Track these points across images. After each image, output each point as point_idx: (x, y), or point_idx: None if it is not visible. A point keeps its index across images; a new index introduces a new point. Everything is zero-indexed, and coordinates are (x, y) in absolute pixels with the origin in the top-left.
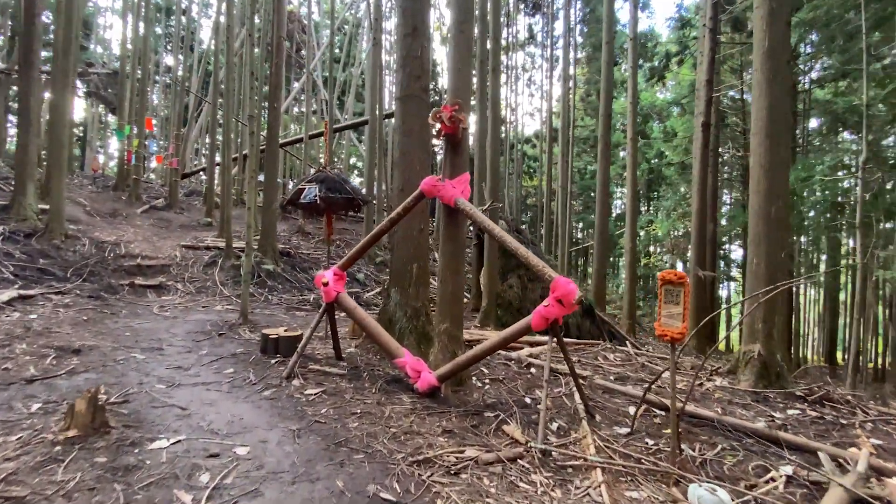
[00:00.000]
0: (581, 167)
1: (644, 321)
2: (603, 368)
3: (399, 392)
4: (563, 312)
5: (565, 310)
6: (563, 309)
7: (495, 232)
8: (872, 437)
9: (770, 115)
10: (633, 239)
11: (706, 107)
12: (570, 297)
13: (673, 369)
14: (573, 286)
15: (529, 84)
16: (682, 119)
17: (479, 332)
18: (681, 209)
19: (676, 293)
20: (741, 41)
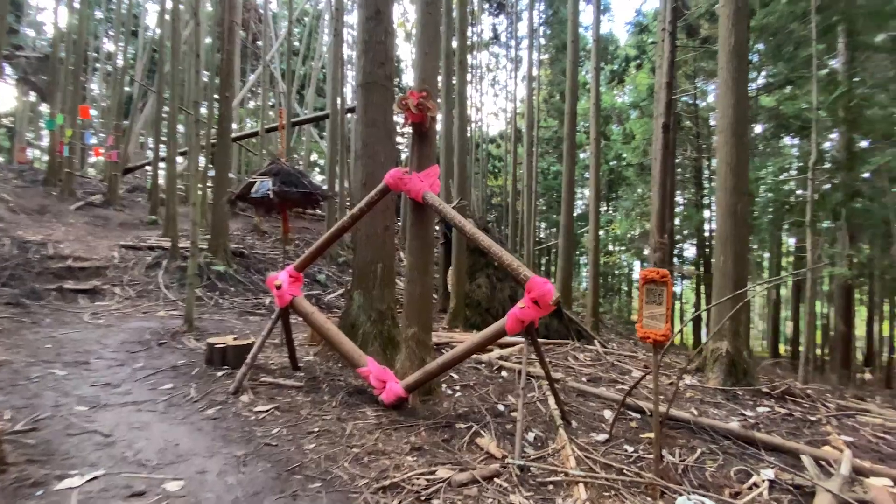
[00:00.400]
0: (545, 167)
1: (605, 318)
2: (574, 369)
3: (362, 405)
4: (540, 314)
5: (541, 311)
6: (540, 311)
7: (467, 229)
8: (842, 434)
9: (735, 112)
10: (597, 237)
11: (666, 109)
12: (546, 298)
13: (656, 373)
14: (550, 286)
15: (494, 84)
16: (640, 121)
17: (447, 335)
18: (639, 209)
19: (659, 293)
20: (695, 46)
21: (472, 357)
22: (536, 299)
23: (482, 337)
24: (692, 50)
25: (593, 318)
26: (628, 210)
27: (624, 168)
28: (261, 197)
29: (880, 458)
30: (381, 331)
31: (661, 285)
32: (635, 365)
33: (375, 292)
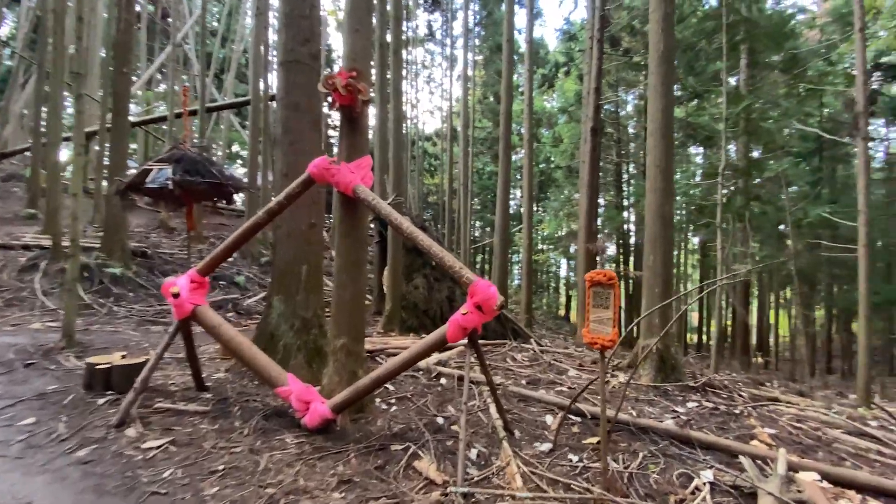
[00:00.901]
0: (479, 167)
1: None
2: (513, 371)
3: (282, 430)
4: (483, 320)
5: (485, 317)
6: (483, 316)
7: (404, 227)
8: (765, 426)
9: (664, 116)
10: (530, 236)
11: (594, 113)
12: (490, 304)
13: (602, 381)
14: (494, 290)
15: (429, 81)
16: (568, 126)
17: (381, 340)
18: (566, 210)
19: (605, 296)
20: (618, 56)
21: None
22: (480, 304)
23: (420, 347)
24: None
25: (527, 314)
26: (556, 210)
27: (553, 170)
28: (158, 187)
29: (802, 449)
30: (305, 341)
31: (607, 288)
32: (571, 364)
33: (299, 297)
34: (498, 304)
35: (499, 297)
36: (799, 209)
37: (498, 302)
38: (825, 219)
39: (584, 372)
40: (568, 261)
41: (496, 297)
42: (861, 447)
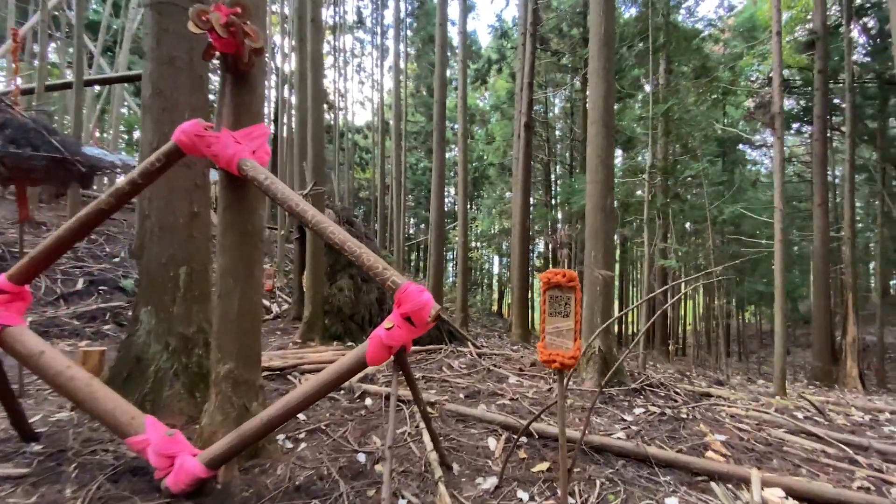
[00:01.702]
0: (413, 162)
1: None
2: (450, 383)
3: (134, 497)
4: (414, 335)
5: (416, 331)
6: (414, 330)
7: (308, 216)
8: (714, 432)
9: (605, 104)
10: (465, 233)
11: (528, 108)
12: (423, 314)
13: (562, 406)
14: (427, 297)
15: (359, 70)
16: (501, 123)
17: (297, 353)
18: (499, 207)
19: (565, 301)
20: (548, 58)
21: None
22: (410, 315)
23: (329, 377)
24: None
25: (463, 313)
26: (490, 208)
27: (486, 168)
28: None
29: (756, 457)
30: (186, 365)
31: (567, 291)
32: (511, 369)
33: (177, 309)
34: (432, 314)
35: (433, 305)
36: (715, 207)
37: (432, 312)
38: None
39: (525, 378)
40: (500, 258)
41: (430, 305)
42: (807, 448)
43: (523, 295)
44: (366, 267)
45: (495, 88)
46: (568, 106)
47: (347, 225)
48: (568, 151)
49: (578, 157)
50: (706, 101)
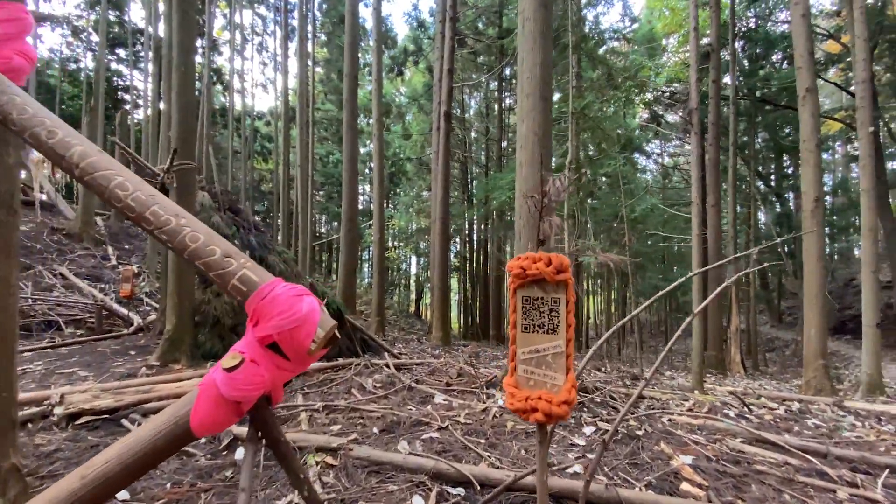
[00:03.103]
0: (323, 154)
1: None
2: (361, 412)
3: None
4: (286, 375)
5: (291, 367)
6: (285, 367)
7: (72, 155)
8: (678, 453)
9: (543, 74)
10: (382, 229)
11: (447, 96)
12: (300, 338)
13: (543, 480)
14: (308, 306)
15: (261, 50)
16: (418, 118)
17: (145, 384)
18: (417, 205)
19: (550, 307)
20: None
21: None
22: (277, 339)
23: (121, 453)
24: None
25: (378, 317)
26: (407, 205)
27: (403, 162)
28: None
29: (734, 484)
30: None
31: (555, 290)
32: (437, 383)
33: None
34: (319, 336)
35: (321, 320)
36: (628, 206)
37: (319, 332)
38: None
39: (453, 396)
40: (419, 258)
41: (312, 320)
42: (774, 462)
43: (444, 295)
44: (188, 253)
45: (412, 84)
46: (484, 107)
47: (230, 213)
48: (484, 152)
49: (494, 157)
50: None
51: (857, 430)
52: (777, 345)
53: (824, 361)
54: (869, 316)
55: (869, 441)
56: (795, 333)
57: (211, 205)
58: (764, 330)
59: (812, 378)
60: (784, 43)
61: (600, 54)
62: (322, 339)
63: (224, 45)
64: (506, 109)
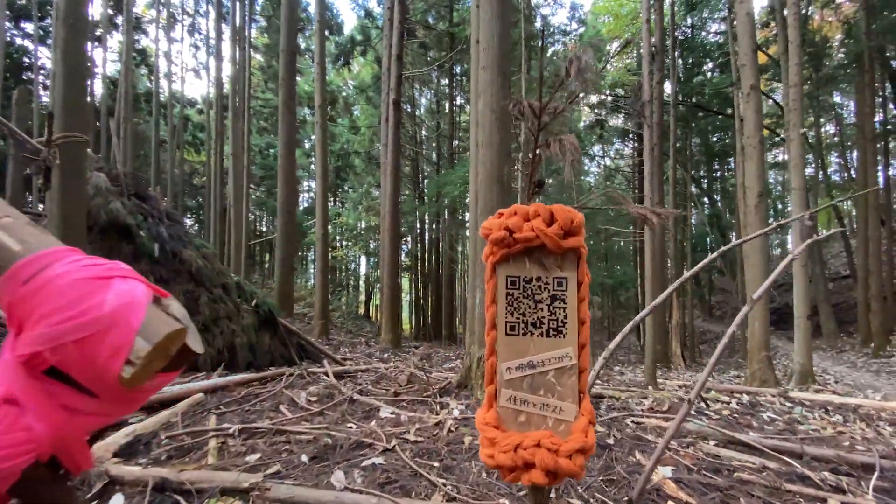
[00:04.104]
0: (263, 146)
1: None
2: (288, 435)
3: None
4: (92, 423)
5: (99, 411)
6: (88, 410)
7: None
8: (658, 466)
9: (501, 46)
10: (326, 224)
11: (397, 84)
12: (107, 360)
13: None
14: (123, 299)
15: (193, 32)
16: (367, 111)
17: None
18: (367, 202)
19: (550, 292)
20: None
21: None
22: (61, 360)
23: None
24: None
25: (322, 319)
26: (356, 202)
27: (351, 157)
28: None
29: (721, 499)
30: None
31: (559, 265)
32: (383, 392)
33: None
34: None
35: (151, 324)
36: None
37: (134, 350)
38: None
39: (402, 407)
40: (368, 257)
41: (127, 326)
42: (752, 467)
43: (394, 294)
44: None
45: (360, 77)
46: (434, 103)
47: (136, 199)
48: (435, 150)
49: (446, 154)
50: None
51: (811, 421)
52: (709, 337)
53: (767, 353)
54: (800, 308)
55: (831, 436)
56: (725, 326)
57: (109, 188)
58: (697, 324)
59: (757, 370)
60: (717, 52)
61: (548, 56)
62: (147, 356)
63: (150, 25)
64: (457, 107)
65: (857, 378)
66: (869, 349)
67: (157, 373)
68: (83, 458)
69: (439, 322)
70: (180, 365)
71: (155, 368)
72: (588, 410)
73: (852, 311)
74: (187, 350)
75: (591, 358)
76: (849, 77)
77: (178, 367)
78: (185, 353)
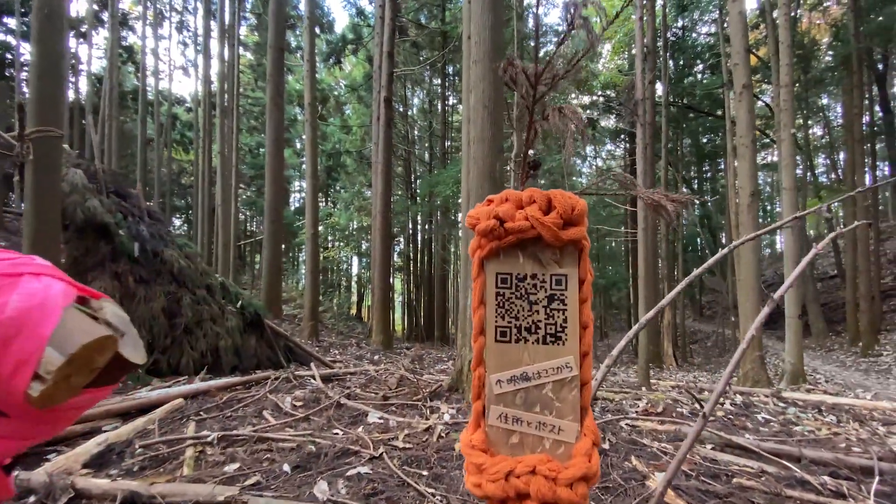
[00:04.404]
0: (253, 146)
1: (325, 317)
2: (270, 442)
3: None
4: (8, 448)
5: (13, 433)
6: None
7: None
8: (654, 470)
9: (493, 37)
10: (316, 223)
11: (388, 81)
12: (11, 376)
13: None
14: (31, 301)
15: (181, 29)
16: (358, 111)
17: None
18: (358, 202)
19: (550, 290)
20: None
21: None
22: None
23: None
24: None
25: (312, 321)
26: (348, 203)
27: (343, 157)
28: None
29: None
30: None
31: (557, 259)
32: (372, 396)
33: None
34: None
35: (65, 330)
36: None
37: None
38: None
39: (391, 412)
40: (360, 258)
41: (35, 334)
42: (751, 472)
43: (385, 294)
44: None
45: (352, 76)
46: (427, 103)
47: (116, 196)
48: (427, 151)
49: (438, 154)
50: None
51: (805, 422)
52: (699, 337)
53: (760, 353)
54: (792, 308)
55: (827, 437)
56: (716, 326)
57: (86, 185)
58: (687, 324)
59: (749, 370)
60: (708, 53)
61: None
62: (60, 371)
63: (137, 22)
64: (449, 107)
65: (847, 377)
66: (857, 348)
67: (82, 389)
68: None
69: (431, 323)
70: (115, 378)
71: (77, 384)
72: (591, 430)
73: (840, 310)
74: (123, 361)
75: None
76: (836, 79)
77: (112, 381)
78: (121, 365)
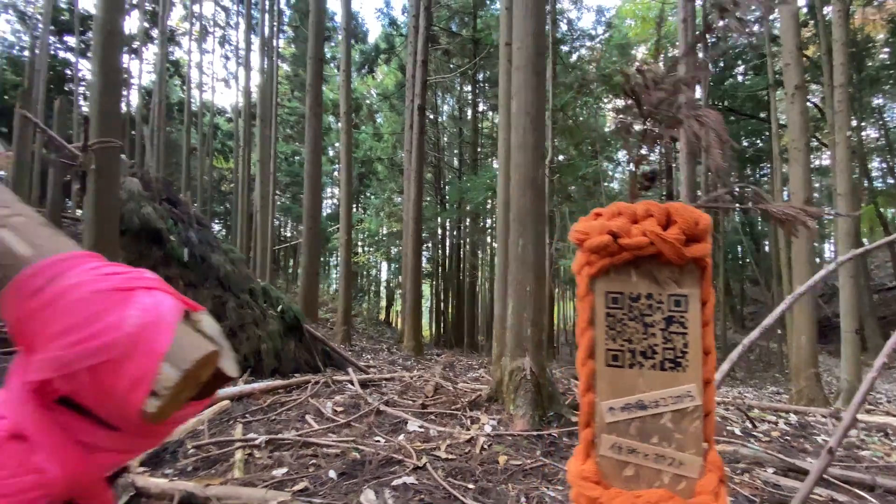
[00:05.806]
0: (289, 154)
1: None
2: (315, 448)
3: None
4: (113, 461)
5: (120, 447)
6: (108, 446)
7: None
8: None
9: (536, 44)
10: (349, 230)
11: (422, 89)
12: (129, 391)
13: None
14: (149, 316)
15: (223, 43)
16: (390, 118)
17: None
18: (389, 208)
19: (668, 311)
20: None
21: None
22: (76, 389)
23: None
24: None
25: (345, 326)
26: (378, 209)
27: (374, 164)
28: None
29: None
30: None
31: (678, 278)
32: (410, 402)
33: None
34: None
35: (180, 346)
36: None
37: (171, 377)
38: None
39: (430, 421)
40: (389, 263)
41: (152, 350)
42: (819, 501)
43: (416, 301)
44: None
45: (384, 85)
46: (457, 110)
47: (167, 203)
48: (457, 157)
49: (468, 160)
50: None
51: (872, 446)
52: None
53: (816, 370)
54: (848, 322)
55: None
56: (760, 339)
57: (142, 193)
58: (728, 335)
59: (804, 387)
60: (750, 54)
61: (572, 62)
62: (175, 387)
63: (183, 37)
64: (480, 114)
65: None
66: None
67: (185, 403)
68: (103, 502)
69: (460, 329)
70: (211, 391)
71: (184, 398)
72: (717, 465)
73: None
74: (220, 374)
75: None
76: (894, 77)
77: (209, 393)
78: (218, 379)
